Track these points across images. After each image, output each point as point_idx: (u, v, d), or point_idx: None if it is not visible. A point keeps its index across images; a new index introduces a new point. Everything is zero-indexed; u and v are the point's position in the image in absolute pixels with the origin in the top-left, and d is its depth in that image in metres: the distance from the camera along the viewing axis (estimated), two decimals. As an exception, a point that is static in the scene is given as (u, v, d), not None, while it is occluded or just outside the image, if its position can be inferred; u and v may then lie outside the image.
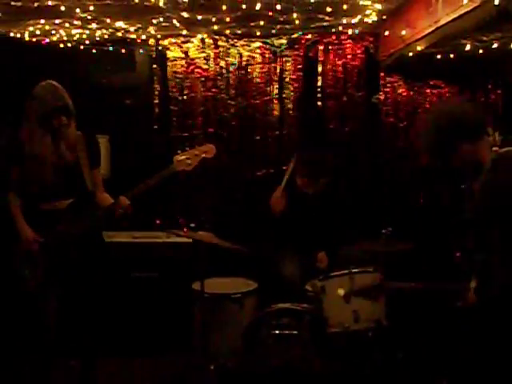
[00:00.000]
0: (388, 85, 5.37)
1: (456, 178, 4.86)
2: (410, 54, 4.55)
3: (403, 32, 4.36)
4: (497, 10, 3.23)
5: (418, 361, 4.15)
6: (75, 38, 5.13)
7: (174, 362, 4.42)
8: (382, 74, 5.37)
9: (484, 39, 4.18)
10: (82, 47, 5.26)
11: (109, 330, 4.31)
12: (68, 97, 3.45)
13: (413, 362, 4.11)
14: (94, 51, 5.29)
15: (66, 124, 3.43)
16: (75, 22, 4.69)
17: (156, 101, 5.38)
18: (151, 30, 5.01)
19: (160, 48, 5.34)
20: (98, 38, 5.17)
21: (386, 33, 4.78)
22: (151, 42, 5.32)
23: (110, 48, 5.30)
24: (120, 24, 4.80)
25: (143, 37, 5.23)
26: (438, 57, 4.71)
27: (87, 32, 4.99)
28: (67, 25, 4.76)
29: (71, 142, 3.53)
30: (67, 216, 3.48)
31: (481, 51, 4.42)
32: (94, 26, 4.80)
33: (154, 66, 5.39)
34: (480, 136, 2.80)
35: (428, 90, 5.38)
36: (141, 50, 5.36)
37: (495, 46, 4.25)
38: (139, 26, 4.91)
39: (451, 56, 4.68)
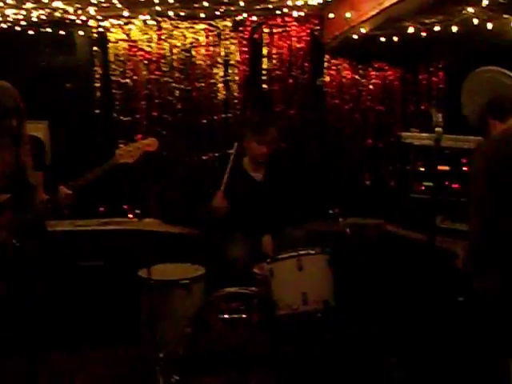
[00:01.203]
0: (333, 67, 5.41)
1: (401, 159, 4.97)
2: (355, 36, 4.57)
3: (348, 14, 4.37)
4: (439, -8, 3.27)
5: (367, 340, 4.21)
6: (10, 19, 4.92)
7: (122, 352, 4.36)
8: (326, 57, 5.39)
9: (426, 22, 4.23)
10: (17, 28, 5.06)
11: (53, 321, 4.21)
12: (19, 98, 3.34)
13: (362, 341, 4.16)
14: (30, 33, 5.10)
15: (17, 126, 3.32)
16: (9, 1, 4.49)
17: (97, 84, 5.25)
18: (91, 10, 4.86)
19: (101, 30, 5.20)
20: (34, 19, 4.97)
21: (331, 15, 4.79)
22: (91, 23, 5.16)
23: (48, 29, 5.12)
24: (58, 4, 4.62)
25: (83, 18, 5.07)
26: (382, 39, 4.74)
27: (23, 12, 4.79)
28: (1, 4, 4.55)
29: (26, 144, 3.44)
30: (7, 209, 3.38)
31: (423, 33, 4.47)
32: (29, 5, 4.62)
33: (95, 48, 5.25)
34: (506, 118, 2.87)
35: (372, 73, 5.45)
36: (81, 32, 5.20)
37: (437, 28, 4.30)
38: (78, 6, 4.76)
39: (395, 38, 4.72)
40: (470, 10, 3.89)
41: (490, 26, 4.19)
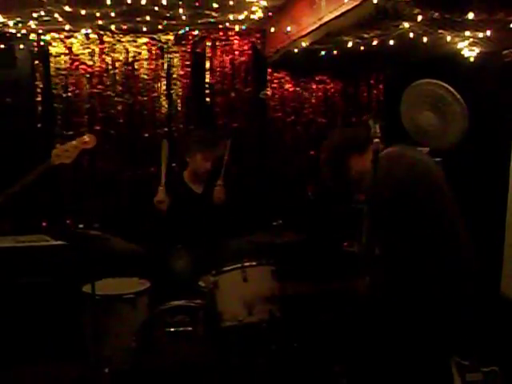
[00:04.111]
0: (275, 80, 5.48)
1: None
2: (296, 50, 4.64)
3: (288, 28, 4.44)
4: (376, 8, 3.36)
5: (313, 349, 4.25)
6: None
7: (67, 369, 4.28)
8: (269, 70, 5.46)
9: (365, 36, 4.32)
10: (-45, 42, 4.97)
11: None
12: None
13: (308, 350, 4.20)
14: (-31, 46, 5.01)
15: None
16: None
17: (39, 98, 5.17)
18: (32, 24, 4.80)
19: (42, 43, 5.13)
20: (-26, 33, 4.90)
21: (272, 29, 4.86)
22: (32, 36, 5.09)
23: (-13, 43, 5.04)
24: (-3, 17, 4.58)
25: (23, 31, 5.00)
26: (323, 53, 4.83)
27: (-38, 26, 4.72)
28: None
29: None
30: None
31: (362, 48, 4.57)
32: (-32, 19, 4.55)
33: (36, 62, 5.17)
34: (366, 149, 3.00)
35: (314, 86, 5.55)
36: (21, 46, 5.12)
37: (375, 42, 4.40)
38: (19, 19, 4.70)
39: (335, 52, 4.81)
40: (406, 24, 4.00)
41: (425, 39, 4.31)
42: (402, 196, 2.78)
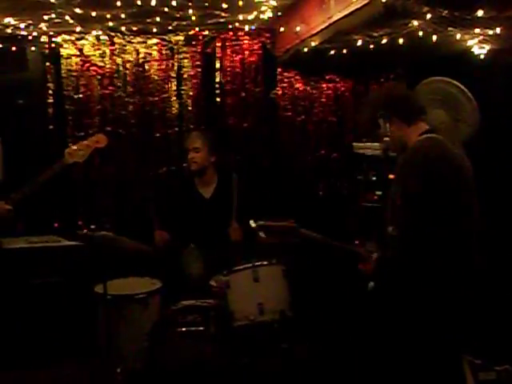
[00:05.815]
0: (285, 80, 5.47)
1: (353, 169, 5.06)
2: (305, 49, 4.65)
3: (298, 28, 4.46)
4: (384, 6, 3.36)
5: (324, 348, 4.25)
6: (-39, 36, 4.88)
7: (80, 368, 4.32)
8: (279, 70, 5.46)
9: (374, 35, 4.32)
10: (-32, 45, 5.01)
11: (6, 341, 4.15)
12: None
13: (320, 350, 4.21)
14: (-18, 49, 5.05)
15: None
16: (-40, 18, 4.47)
17: (50, 100, 5.20)
18: (43, 26, 4.84)
19: (53, 45, 5.16)
20: (-15, 36, 4.93)
21: (282, 29, 4.87)
22: (44, 38, 5.12)
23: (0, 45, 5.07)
24: (9, 20, 4.61)
25: (35, 33, 5.03)
26: (332, 52, 4.83)
27: (-26, 29, 4.76)
28: (-48, 21, 4.53)
29: None
30: None
31: (371, 46, 4.57)
32: (-20, 22, 4.59)
33: (48, 63, 5.19)
34: (413, 121, 2.94)
35: (324, 85, 5.54)
36: (33, 48, 5.15)
37: (384, 41, 4.40)
38: (30, 22, 4.73)
39: (344, 51, 4.81)
40: (415, 23, 4.00)
41: (434, 38, 4.31)
42: (439, 180, 2.73)
